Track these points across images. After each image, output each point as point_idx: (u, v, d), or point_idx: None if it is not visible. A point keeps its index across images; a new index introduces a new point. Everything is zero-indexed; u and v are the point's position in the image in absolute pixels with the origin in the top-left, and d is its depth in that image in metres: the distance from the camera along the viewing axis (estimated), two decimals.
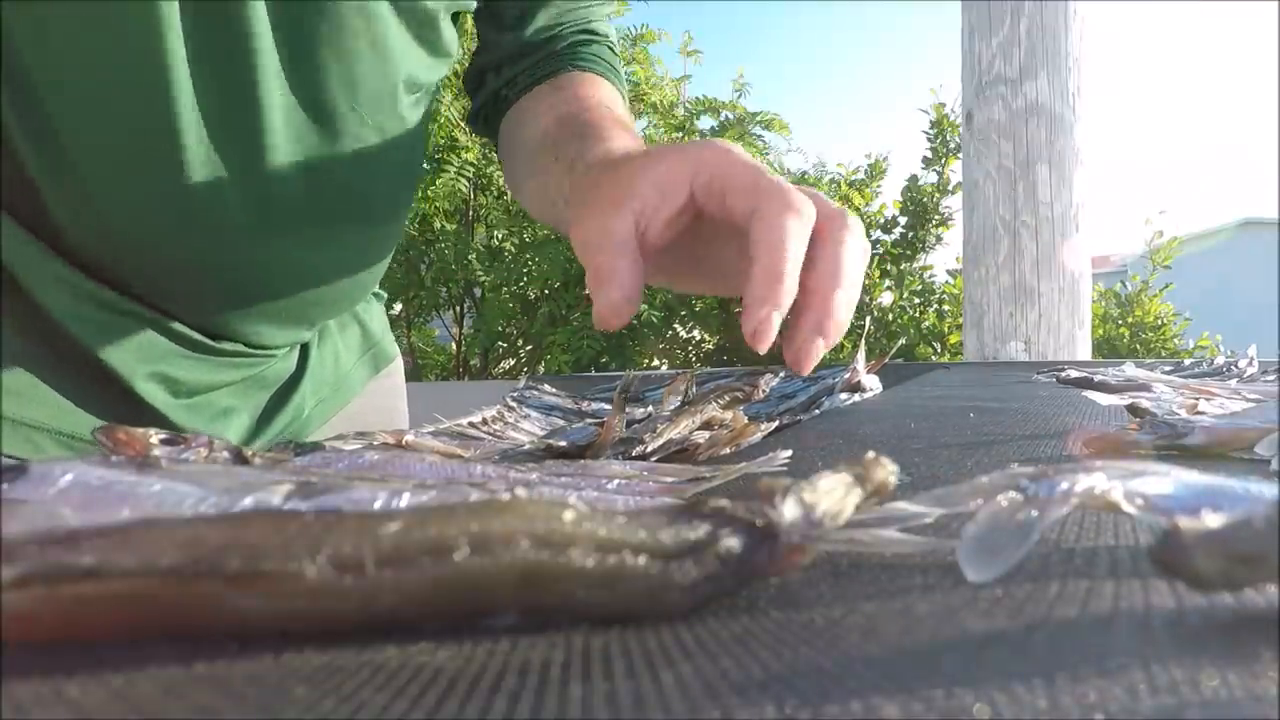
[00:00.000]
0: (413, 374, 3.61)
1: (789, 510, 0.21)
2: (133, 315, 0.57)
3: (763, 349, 0.43)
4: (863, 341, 0.96)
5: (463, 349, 4.15)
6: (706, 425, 0.51)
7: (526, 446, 0.47)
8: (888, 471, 0.23)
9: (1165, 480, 0.23)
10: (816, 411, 0.69)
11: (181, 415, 0.61)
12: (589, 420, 0.59)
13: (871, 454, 0.24)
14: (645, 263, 0.48)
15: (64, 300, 0.55)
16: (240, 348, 0.63)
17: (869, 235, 4.23)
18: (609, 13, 0.82)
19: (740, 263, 0.46)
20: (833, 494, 0.22)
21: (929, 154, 4.18)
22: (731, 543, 0.20)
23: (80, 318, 0.56)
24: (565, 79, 0.73)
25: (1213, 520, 0.18)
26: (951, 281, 4.21)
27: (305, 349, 0.71)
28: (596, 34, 0.77)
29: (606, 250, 0.47)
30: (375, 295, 0.82)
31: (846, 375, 0.78)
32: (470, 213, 4.01)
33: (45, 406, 0.56)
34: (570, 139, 0.64)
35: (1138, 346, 4.13)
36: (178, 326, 0.59)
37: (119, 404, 0.58)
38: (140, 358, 0.58)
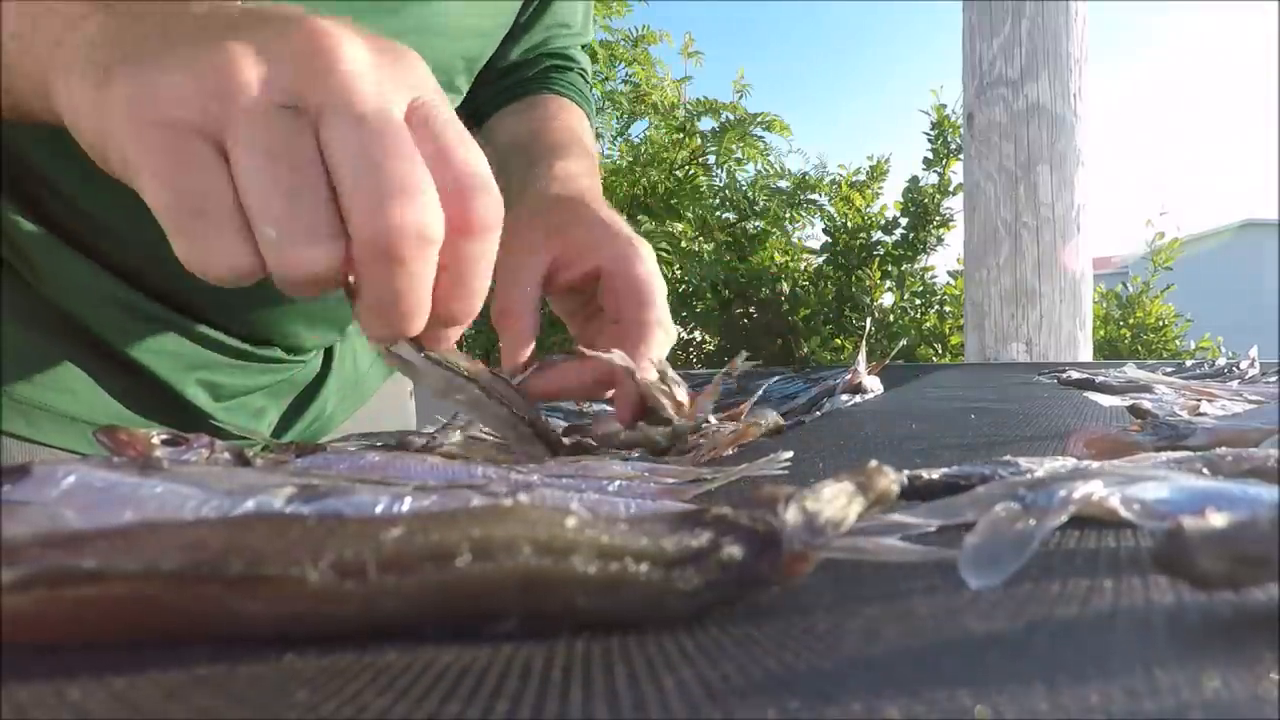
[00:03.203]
0: None
1: (791, 518, 0.21)
2: (182, 329, 0.60)
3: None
4: (863, 343, 0.97)
5: (463, 350, 4.15)
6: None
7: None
8: (890, 480, 0.23)
9: (1163, 486, 0.23)
10: (818, 413, 0.69)
11: (222, 414, 0.65)
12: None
13: (874, 462, 0.24)
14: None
15: (116, 315, 0.58)
16: (277, 353, 0.66)
17: (870, 237, 4.23)
18: (589, 42, 0.86)
19: (582, 323, 0.55)
20: (835, 502, 0.22)
21: (930, 155, 4.18)
22: (733, 550, 0.20)
23: (128, 331, 0.59)
24: (536, 100, 0.77)
25: (1217, 520, 0.18)
26: (953, 283, 4.21)
27: (329, 352, 0.74)
28: (572, 61, 0.81)
29: (515, 300, 0.51)
30: None
31: (848, 376, 0.78)
32: None
33: (100, 402, 0.59)
34: (520, 162, 0.67)
35: (1139, 348, 4.12)
36: (222, 336, 0.62)
37: (168, 406, 0.62)
38: (189, 367, 0.62)
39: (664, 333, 0.52)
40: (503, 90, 0.78)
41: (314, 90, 0.30)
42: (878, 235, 4.26)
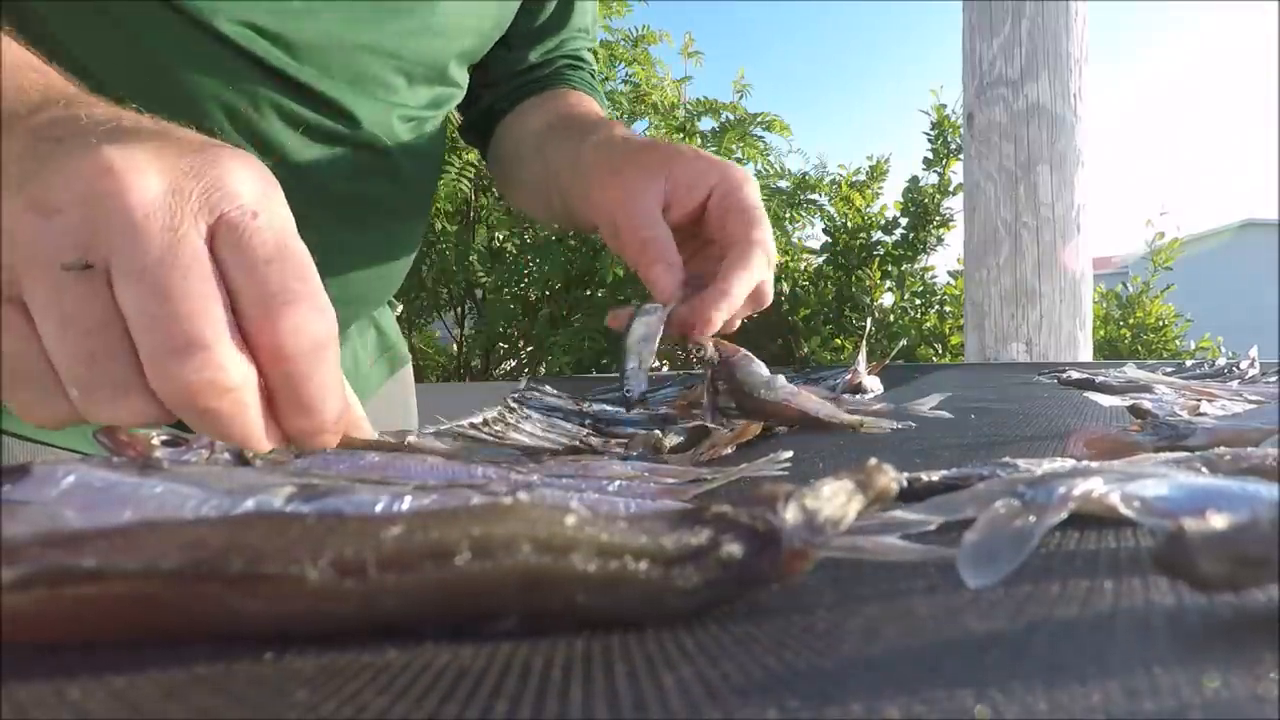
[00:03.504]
0: (414, 375, 3.61)
1: (791, 516, 0.21)
2: None
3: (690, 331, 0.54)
4: (863, 343, 0.97)
5: (464, 350, 4.15)
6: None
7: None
8: (889, 478, 0.23)
9: (1162, 483, 0.23)
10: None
11: None
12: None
13: (873, 460, 0.24)
14: None
15: None
16: None
17: (870, 237, 4.22)
18: (596, 44, 0.91)
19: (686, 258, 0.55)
20: (834, 500, 0.22)
21: (930, 155, 4.17)
22: (733, 548, 0.20)
23: None
24: (556, 92, 0.80)
25: (1218, 521, 0.18)
26: (953, 283, 4.21)
27: None
28: (584, 61, 0.85)
29: (651, 228, 0.53)
30: (389, 301, 0.84)
31: (847, 377, 0.78)
32: (471, 214, 4.01)
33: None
34: (573, 128, 0.68)
35: (1139, 348, 4.12)
36: None
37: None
38: None
39: (767, 256, 0.54)
40: (519, 87, 0.80)
41: (98, 243, 0.29)
42: (878, 235, 4.25)
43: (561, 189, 0.68)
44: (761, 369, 0.56)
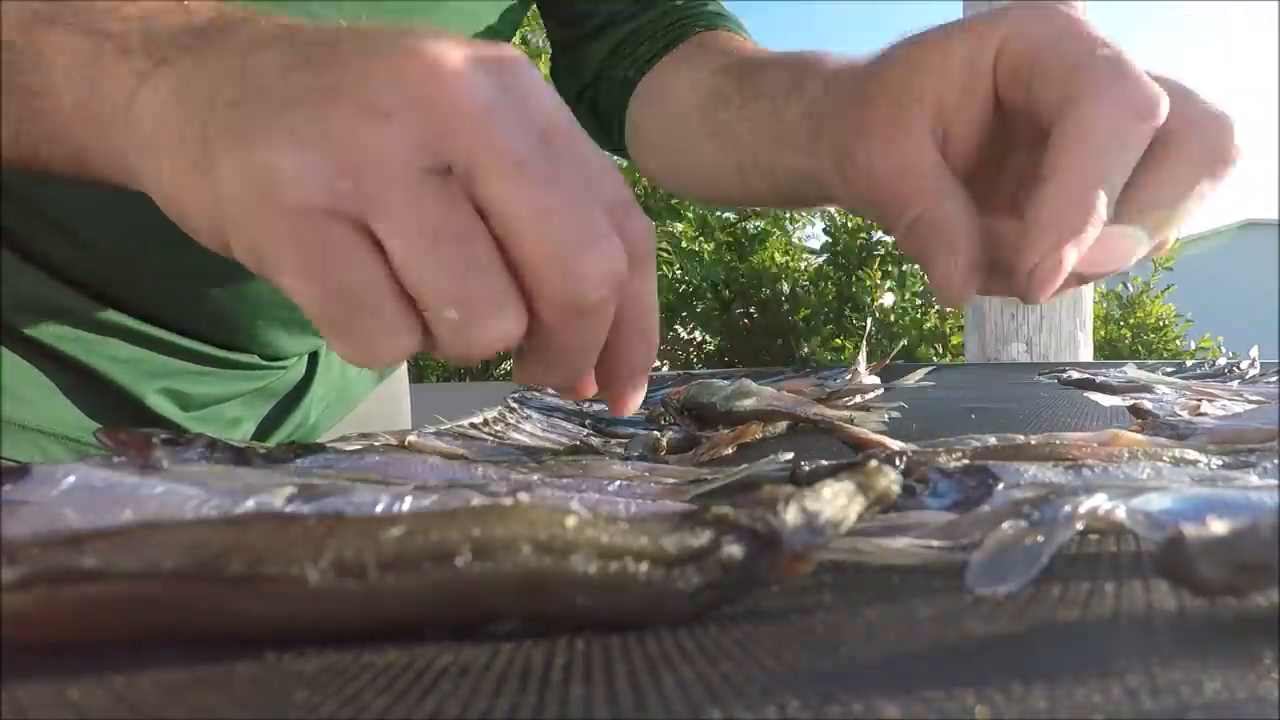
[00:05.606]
0: (414, 376, 3.61)
1: (791, 518, 0.21)
2: (139, 336, 0.56)
3: (1040, 299, 0.34)
4: (864, 343, 0.96)
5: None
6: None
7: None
8: (890, 480, 0.23)
9: (1166, 495, 0.23)
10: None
11: (192, 425, 0.60)
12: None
13: (874, 462, 0.24)
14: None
15: (59, 323, 0.54)
16: (254, 359, 0.62)
17: (870, 236, 4.22)
18: None
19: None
20: (835, 502, 0.22)
21: None
22: (734, 550, 0.20)
23: (76, 338, 0.55)
24: (702, 38, 0.60)
25: (1218, 527, 0.18)
26: None
27: (314, 358, 0.70)
28: None
29: (922, 196, 0.35)
30: None
31: (848, 377, 0.78)
32: None
33: (54, 411, 0.55)
34: (767, 75, 0.48)
35: (1139, 348, 4.13)
36: (189, 343, 0.58)
37: (131, 416, 0.58)
38: (150, 375, 0.57)
39: (1134, 109, 0.32)
40: (646, 40, 0.61)
41: (456, 144, 0.26)
42: (878, 235, 4.26)
43: (773, 167, 0.48)
44: (716, 383, 0.54)
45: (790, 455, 0.40)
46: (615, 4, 0.62)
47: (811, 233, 4.40)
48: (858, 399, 0.65)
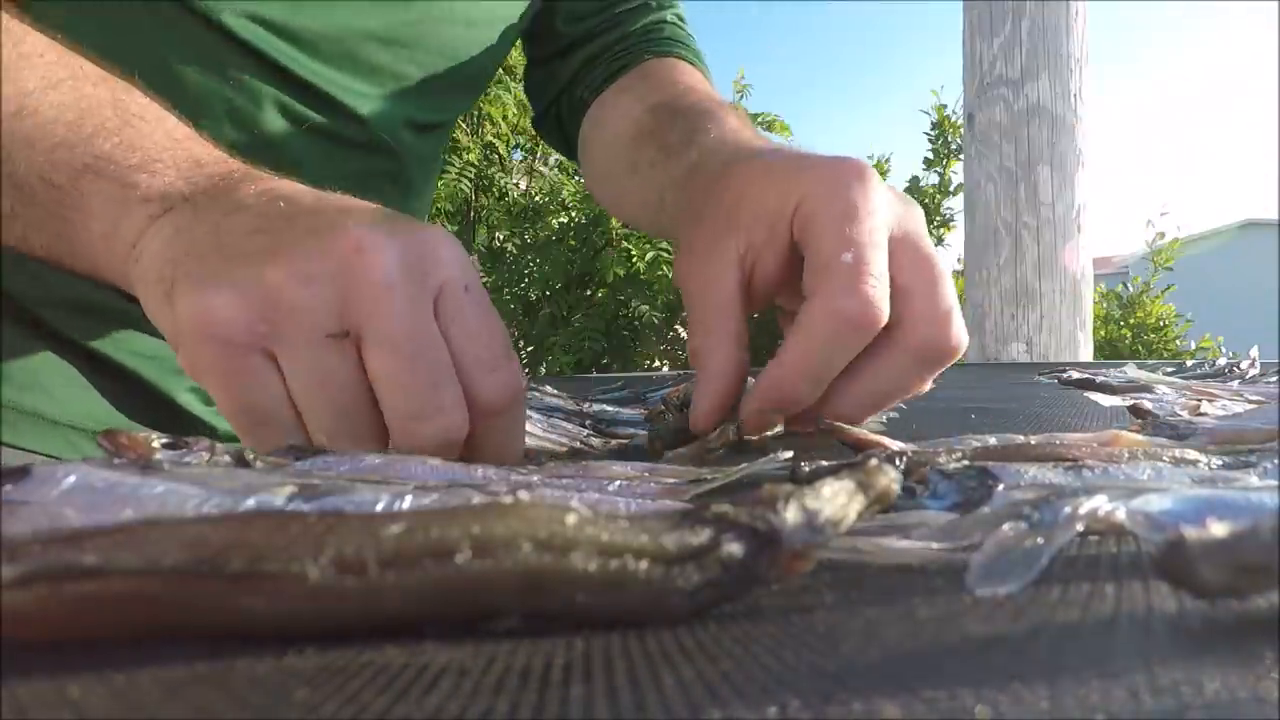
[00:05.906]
0: None
1: (791, 516, 0.21)
2: None
3: (753, 435, 0.43)
4: None
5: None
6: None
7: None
8: (890, 479, 0.23)
9: (1166, 497, 0.23)
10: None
11: (217, 420, 0.63)
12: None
13: (874, 461, 0.24)
14: (753, 309, 0.43)
15: (90, 319, 0.56)
16: None
17: None
18: None
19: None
20: (835, 500, 0.22)
21: (930, 155, 4.17)
22: (734, 548, 0.20)
23: (107, 334, 0.57)
24: (648, 67, 0.66)
25: (1218, 529, 0.18)
26: (953, 282, 4.21)
27: None
28: (664, 2, 0.72)
29: (704, 329, 0.42)
30: None
31: None
32: (471, 214, 4.01)
33: (84, 407, 0.57)
34: (672, 126, 0.56)
35: (1139, 348, 4.12)
36: None
37: (158, 410, 0.60)
38: (179, 371, 0.58)
39: (867, 278, 0.38)
40: (601, 62, 0.68)
41: (356, 312, 0.33)
42: None
43: (659, 224, 0.57)
44: None
45: (790, 454, 0.40)
46: (588, 23, 0.69)
47: None
48: None
